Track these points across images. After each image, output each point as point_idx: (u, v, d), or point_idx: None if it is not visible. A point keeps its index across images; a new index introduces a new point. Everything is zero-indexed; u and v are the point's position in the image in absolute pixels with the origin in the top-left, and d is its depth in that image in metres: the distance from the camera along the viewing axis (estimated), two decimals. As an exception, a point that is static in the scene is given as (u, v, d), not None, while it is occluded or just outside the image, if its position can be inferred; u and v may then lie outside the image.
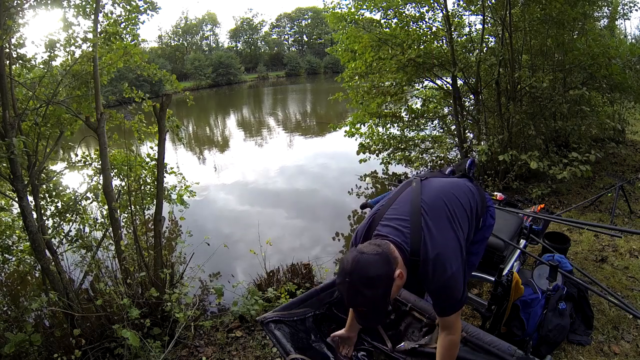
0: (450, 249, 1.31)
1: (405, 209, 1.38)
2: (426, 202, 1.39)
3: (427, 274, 1.28)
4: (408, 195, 1.44)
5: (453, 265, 1.28)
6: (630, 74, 5.05)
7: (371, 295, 1.16)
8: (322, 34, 59.08)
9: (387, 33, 5.58)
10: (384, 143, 6.46)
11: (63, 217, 3.84)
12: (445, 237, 1.32)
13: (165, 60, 46.00)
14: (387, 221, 1.38)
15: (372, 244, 1.24)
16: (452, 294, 1.30)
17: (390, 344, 1.66)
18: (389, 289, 1.19)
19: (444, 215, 1.37)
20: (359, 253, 1.20)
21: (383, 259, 1.19)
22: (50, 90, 3.21)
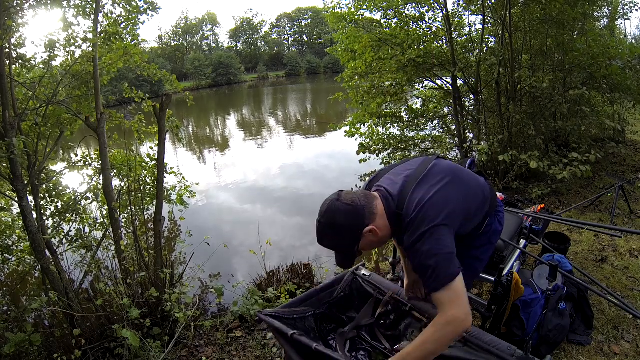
0: (437, 207, 1.23)
1: (412, 166, 1.39)
2: (435, 165, 1.37)
3: (407, 229, 1.23)
4: (421, 159, 1.43)
5: (432, 219, 1.20)
6: (630, 74, 5.04)
7: (336, 242, 1.23)
8: (322, 34, 59.09)
9: (387, 33, 5.58)
10: (384, 143, 6.46)
11: (63, 217, 3.84)
12: (435, 195, 1.25)
13: (165, 60, 46.02)
14: (391, 174, 1.39)
15: (354, 194, 1.25)
16: (432, 258, 1.17)
17: (388, 344, 1.66)
18: (354, 241, 1.22)
19: (445, 179, 1.31)
20: (335, 199, 1.23)
21: (354, 212, 1.20)
22: (50, 90, 3.21)
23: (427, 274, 1.20)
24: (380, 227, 1.25)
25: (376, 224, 1.24)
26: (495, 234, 1.65)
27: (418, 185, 1.29)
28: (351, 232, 1.22)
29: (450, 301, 1.17)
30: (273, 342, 2.62)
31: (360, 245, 1.25)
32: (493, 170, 5.11)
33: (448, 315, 1.16)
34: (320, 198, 1.33)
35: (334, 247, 1.25)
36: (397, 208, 1.27)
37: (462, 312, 1.16)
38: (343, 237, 1.22)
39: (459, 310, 1.16)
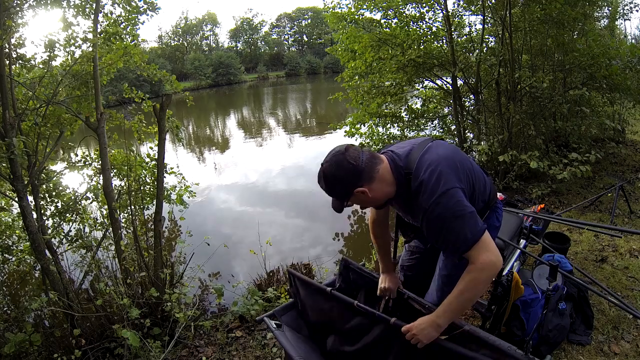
0: (449, 170, 1.26)
1: (416, 140, 1.44)
2: (437, 142, 1.42)
3: (420, 189, 1.26)
4: (422, 138, 1.48)
5: (448, 183, 1.23)
6: (630, 74, 5.05)
7: (329, 189, 1.32)
8: (322, 34, 59.08)
9: (387, 33, 5.58)
10: (384, 143, 6.46)
11: (63, 217, 3.84)
12: (445, 160, 1.29)
13: (165, 60, 45.99)
14: (397, 144, 1.46)
15: (361, 153, 1.30)
16: (457, 220, 1.21)
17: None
18: (345, 195, 1.31)
19: (450, 150, 1.38)
20: (342, 151, 1.29)
21: (352, 170, 1.26)
22: (50, 90, 3.21)
23: (452, 238, 1.24)
24: (374, 190, 1.31)
25: (371, 187, 1.30)
26: (494, 230, 1.66)
27: (426, 151, 1.33)
28: (344, 187, 1.29)
29: (481, 249, 1.23)
30: (273, 342, 2.62)
31: (350, 200, 1.34)
32: (493, 171, 5.11)
33: (481, 261, 1.23)
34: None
35: (328, 192, 1.34)
36: (406, 168, 1.32)
37: (493, 256, 1.24)
38: (336, 188, 1.31)
39: (490, 255, 1.23)
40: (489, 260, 1.23)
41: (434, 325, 1.32)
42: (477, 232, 1.23)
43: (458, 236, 1.23)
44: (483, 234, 1.24)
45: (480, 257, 1.23)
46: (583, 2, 5.17)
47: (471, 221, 1.23)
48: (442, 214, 1.23)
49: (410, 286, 1.83)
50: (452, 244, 1.26)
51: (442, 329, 1.32)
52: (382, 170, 1.31)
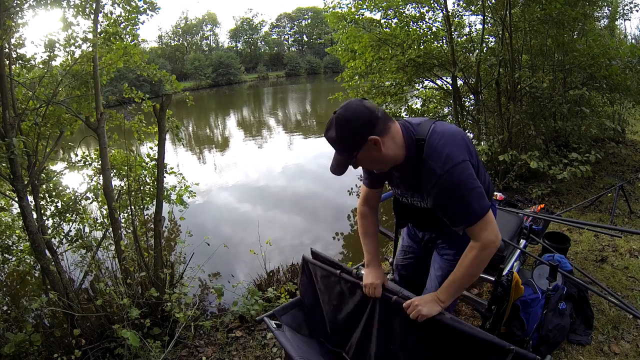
0: (461, 144, 1.27)
1: (424, 119, 1.41)
2: (445, 122, 1.41)
3: (433, 157, 1.25)
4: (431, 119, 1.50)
5: (461, 155, 1.24)
6: (630, 74, 5.05)
7: (340, 135, 1.22)
8: (322, 34, 59.08)
9: (387, 33, 5.58)
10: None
11: (63, 217, 3.84)
12: (456, 131, 1.31)
13: (165, 60, 45.99)
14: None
15: (378, 107, 1.27)
16: (468, 192, 1.23)
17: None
18: (357, 143, 1.23)
19: (458, 131, 1.37)
20: (360, 100, 1.25)
21: (369, 116, 1.22)
22: (50, 90, 3.21)
23: (461, 209, 1.26)
24: (386, 145, 1.26)
25: (384, 140, 1.25)
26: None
27: (437, 125, 1.32)
28: (358, 132, 1.22)
29: (484, 228, 1.27)
30: (273, 342, 2.62)
31: (360, 155, 1.25)
32: (493, 170, 5.11)
33: (483, 240, 1.28)
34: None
35: (337, 140, 1.23)
36: (418, 134, 1.30)
37: (494, 235, 1.29)
38: (349, 134, 1.22)
39: (491, 234, 1.28)
40: (490, 238, 1.28)
41: (436, 301, 1.36)
42: (483, 207, 1.26)
43: (467, 208, 1.25)
44: (488, 212, 1.27)
45: (483, 235, 1.28)
46: (583, 2, 5.17)
47: (480, 196, 1.26)
48: (456, 183, 1.23)
49: (405, 285, 1.83)
50: (460, 215, 1.28)
51: (444, 305, 1.36)
52: (394, 129, 1.29)
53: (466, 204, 1.25)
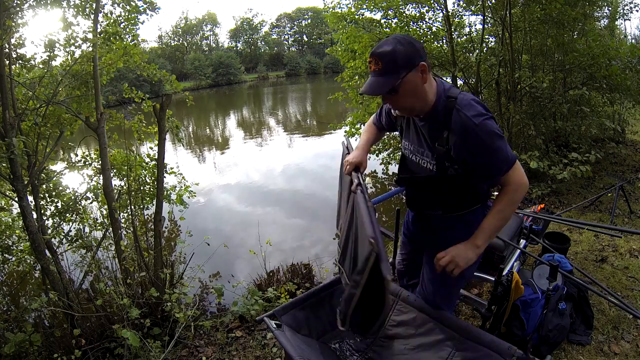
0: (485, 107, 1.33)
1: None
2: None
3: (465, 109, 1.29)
4: None
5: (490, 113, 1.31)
6: (630, 74, 5.05)
7: (393, 51, 1.24)
8: (322, 34, 59.07)
9: (387, 33, 5.57)
10: (383, 143, 6.46)
11: (63, 217, 3.84)
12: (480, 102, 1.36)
13: (165, 60, 46.00)
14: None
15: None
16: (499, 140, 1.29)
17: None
18: (409, 62, 1.26)
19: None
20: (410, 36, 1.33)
21: (420, 47, 1.30)
22: (50, 90, 3.21)
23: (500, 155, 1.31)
24: (427, 79, 1.31)
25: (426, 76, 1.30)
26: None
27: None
28: (412, 54, 1.26)
29: (516, 171, 1.34)
30: (273, 342, 2.62)
31: (406, 80, 1.26)
32: (493, 170, 5.11)
33: (516, 183, 1.35)
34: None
35: (390, 55, 1.24)
36: (448, 91, 1.35)
37: (524, 177, 1.36)
38: (406, 50, 1.25)
39: (522, 176, 1.36)
40: (523, 181, 1.36)
41: (473, 248, 1.40)
42: (513, 154, 1.34)
43: (504, 154, 1.31)
44: (517, 158, 1.35)
45: (516, 178, 1.34)
46: (583, 2, 5.17)
47: (508, 147, 1.33)
48: (492, 131, 1.28)
49: (406, 278, 1.93)
50: (498, 163, 1.32)
51: (481, 250, 1.40)
52: (431, 76, 1.36)
53: (503, 151, 1.31)
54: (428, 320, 1.65)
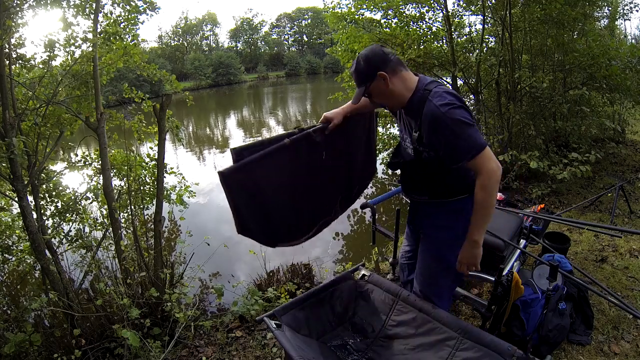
0: (459, 98, 1.44)
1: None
2: None
3: (435, 99, 1.43)
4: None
5: (460, 103, 1.42)
6: (630, 74, 5.05)
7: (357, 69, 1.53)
8: (322, 34, 59.03)
9: (387, 33, 5.58)
10: (383, 143, 6.46)
11: (63, 217, 3.84)
12: (455, 94, 1.47)
13: (165, 60, 45.96)
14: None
15: (395, 55, 1.55)
16: (467, 127, 1.38)
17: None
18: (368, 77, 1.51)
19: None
20: (379, 46, 1.57)
21: (382, 56, 1.50)
22: (50, 90, 3.21)
23: (464, 142, 1.39)
24: (393, 83, 1.51)
25: (392, 78, 1.50)
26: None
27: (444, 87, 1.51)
28: (370, 68, 1.49)
29: (486, 159, 1.40)
30: (273, 342, 2.62)
31: (372, 87, 1.52)
32: (493, 170, 5.11)
33: (487, 169, 1.41)
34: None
35: (355, 72, 1.54)
36: (427, 85, 1.51)
37: (495, 164, 1.41)
38: (363, 67, 1.51)
39: (494, 163, 1.41)
40: (493, 167, 1.41)
41: (472, 243, 1.52)
42: (483, 142, 1.40)
43: (470, 141, 1.39)
44: (487, 146, 1.41)
45: (486, 165, 1.40)
46: (583, 2, 5.16)
47: (478, 133, 1.41)
48: (457, 119, 1.39)
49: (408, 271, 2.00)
50: (463, 149, 1.40)
51: (479, 243, 1.51)
52: (405, 75, 1.54)
53: (468, 138, 1.39)
54: (428, 320, 1.66)
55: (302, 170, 1.63)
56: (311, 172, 1.67)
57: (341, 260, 4.50)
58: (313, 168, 1.66)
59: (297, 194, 1.65)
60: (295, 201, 1.66)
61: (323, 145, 1.66)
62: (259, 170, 1.47)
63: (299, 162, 1.60)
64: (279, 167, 1.53)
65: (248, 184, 1.46)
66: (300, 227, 1.78)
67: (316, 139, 1.63)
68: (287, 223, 1.69)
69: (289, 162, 1.56)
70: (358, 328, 1.87)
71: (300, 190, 1.66)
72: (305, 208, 1.74)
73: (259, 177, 1.48)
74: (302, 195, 1.67)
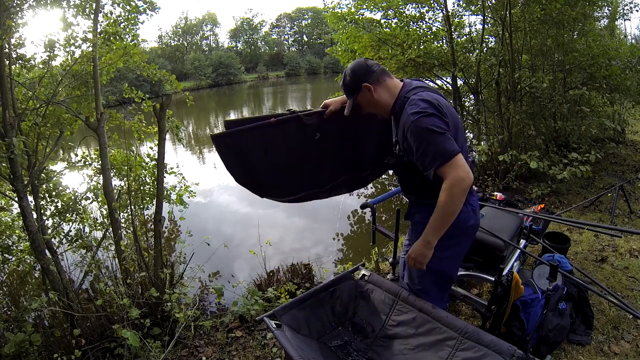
0: (433, 105, 1.47)
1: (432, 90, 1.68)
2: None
3: (409, 106, 1.50)
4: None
5: (432, 110, 1.45)
6: (630, 74, 5.04)
7: (344, 82, 1.66)
8: (322, 34, 59.06)
9: (387, 33, 5.58)
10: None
11: (63, 217, 3.84)
12: (430, 98, 1.50)
13: (165, 60, 45.97)
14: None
15: (378, 65, 1.65)
16: (436, 135, 1.41)
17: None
18: (355, 89, 1.63)
19: (444, 101, 1.59)
20: (364, 59, 1.68)
21: (365, 69, 1.61)
22: (50, 90, 3.21)
23: (431, 150, 1.42)
24: (378, 93, 1.61)
25: (376, 89, 1.60)
26: (472, 228, 1.69)
27: (424, 92, 1.56)
28: (355, 80, 1.62)
29: (454, 167, 1.40)
30: (273, 342, 2.62)
31: (359, 98, 1.64)
32: (493, 170, 5.11)
33: (451, 178, 1.41)
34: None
35: (343, 85, 1.66)
36: (407, 93, 1.57)
37: (462, 172, 1.40)
38: (349, 80, 1.63)
39: (459, 171, 1.40)
40: (460, 176, 1.40)
41: (425, 244, 1.55)
42: (453, 150, 1.41)
43: (437, 148, 1.41)
44: (457, 155, 1.41)
45: (451, 174, 1.40)
46: (583, 2, 5.16)
47: (449, 141, 1.42)
48: (425, 126, 1.43)
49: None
50: (430, 156, 1.43)
51: (433, 244, 1.54)
52: (390, 83, 1.62)
53: (437, 145, 1.41)
54: (428, 320, 1.66)
55: (292, 144, 1.85)
56: (303, 147, 1.87)
57: (341, 260, 4.50)
58: (305, 144, 1.87)
59: (284, 162, 1.88)
60: (283, 167, 1.88)
61: (316, 127, 1.85)
62: (243, 138, 1.73)
63: (288, 137, 1.82)
64: (264, 138, 1.77)
65: (234, 148, 1.73)
66: (287, 188, 1.98)
67: (307, 121, 1.83)
68: (273, 182, 1.92)
69: (276, 136, 1.79)
70: (358, 328, 1.87)
71: (289, 160, 1.89)
72: (294, 174, 1.94)
73: (245, 143, 1.74)
74: (290, 163, 1.90)
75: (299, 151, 1.88)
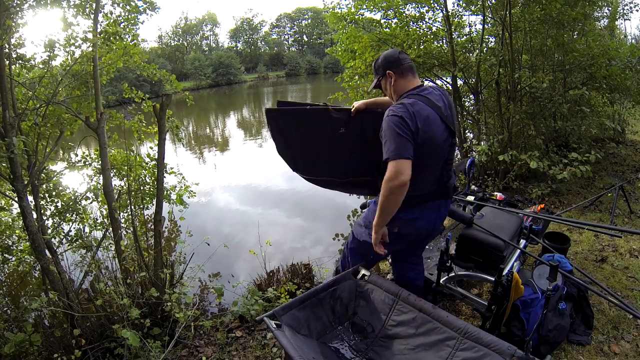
0: (407, 112, 1.67)
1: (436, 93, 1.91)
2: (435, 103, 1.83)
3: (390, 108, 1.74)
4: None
5: (403, 114, 1.65)
6: (630, 74, 5.04)
7: (375, 62, 1.92)
8: (322, 34, 59.07)
9: (387, 33, 5.57)
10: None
11: (63, 217, 3.84)
12: (409, 108, 1.69)
13: (165, 60, 45.95)
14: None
15: (410, 62, 1.87)
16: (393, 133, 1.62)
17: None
18: (379, 70, 1.88)
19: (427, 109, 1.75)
20: (398, 50, 1.90)
21: (395, 57, 1.84)
22: (50, 90, 3.21)
23: (388, 144, 1.63)
24: (397, 83, 1.84)
25: (397, 79, 1.83)
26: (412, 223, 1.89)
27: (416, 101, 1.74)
28: (382, 64, 1.86)
29: (394, 166, 1.60)
30: (273, 342, 2.62)
31: (382, 81, 1.88)
32: (493, 170, 5.11)
33: (387, 175, 1.61)
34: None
35: (374, 65, 1.93)
36: (405, 97, 1.79)
37: (394, 174, 1.59)
38: (378, 63, 1.89)
39: (393, 173, 1.59)
40: (390, 176, 1.60)
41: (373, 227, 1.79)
42: (400, 154, 1.60)
43: (391, 145, 1.62)
44: (403, 159, 1.60)
45: (389, 172, 1.61)
46: (583, 2, 5.16)
47: (403, 144, 1.61)
48: (389, 124, 1.65)
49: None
50: (386, 148, 1.65)
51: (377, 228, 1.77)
52: (409, 81, 1.83)
53: (391, 142, 1.62)
54: (428, 320, 1.66)
55: (321, 132, 2.19)
56: (329, 137, 2.18)
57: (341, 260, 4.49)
58: (331, 135, 2.17)
59: (314, 144, 2.24)
60: (312, 149, 2.25)
61: (342, 122, 2.13)
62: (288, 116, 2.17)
63: (319, 125, 2.17)
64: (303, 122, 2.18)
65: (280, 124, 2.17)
66: (314, 168, 2.32)
67: (335, 115, 2.14)
68: (303, 160, 2.31)
69: (311, 123, 2.17)
70: (358, 328, 1.87)
71: (317, 144, 2.24)
72: (320, 158, 2.28)
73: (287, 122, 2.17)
74: (318, 148, 2.25)
75: (326, 139, 2.19)
